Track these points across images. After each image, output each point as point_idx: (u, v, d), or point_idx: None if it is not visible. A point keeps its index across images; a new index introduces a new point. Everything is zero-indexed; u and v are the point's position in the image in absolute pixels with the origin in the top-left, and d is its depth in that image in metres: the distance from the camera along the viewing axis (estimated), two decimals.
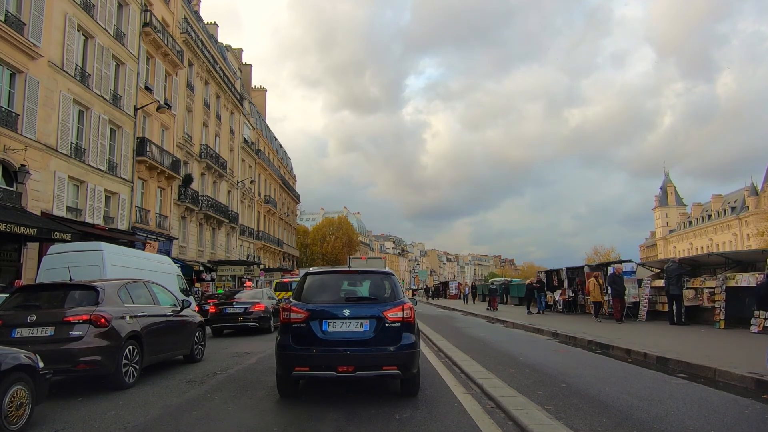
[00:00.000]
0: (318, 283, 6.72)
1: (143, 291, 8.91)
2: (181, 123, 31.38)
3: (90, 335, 6.93)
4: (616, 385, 6.92)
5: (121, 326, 7.39)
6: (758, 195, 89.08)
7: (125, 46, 24.39)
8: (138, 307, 8.22)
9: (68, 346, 6.79)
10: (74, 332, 6.91)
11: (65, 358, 6.73)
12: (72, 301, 7.50)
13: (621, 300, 16.17)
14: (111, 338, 7.14)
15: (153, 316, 8.51)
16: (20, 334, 6.85)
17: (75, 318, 7.01)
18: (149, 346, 8.05)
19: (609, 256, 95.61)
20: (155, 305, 8.96)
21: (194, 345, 10.01)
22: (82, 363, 6.85)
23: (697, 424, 5.01)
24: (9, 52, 16.83)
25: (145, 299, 8.76)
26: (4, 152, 16.69)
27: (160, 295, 9.41)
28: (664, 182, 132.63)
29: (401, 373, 6.02)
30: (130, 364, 7.54)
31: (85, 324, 6.96)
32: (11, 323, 6.95)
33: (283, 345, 6.13)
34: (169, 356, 9.38)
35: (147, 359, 8.06)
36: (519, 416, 5.21)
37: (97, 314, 7.07)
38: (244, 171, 45.35)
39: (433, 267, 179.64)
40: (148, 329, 8.09)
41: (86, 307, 7.20)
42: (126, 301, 8.02)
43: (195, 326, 10.15)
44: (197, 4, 39.13)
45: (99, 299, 7.40)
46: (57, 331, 6.91)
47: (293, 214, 70.19)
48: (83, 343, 6.86)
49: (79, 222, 19.95)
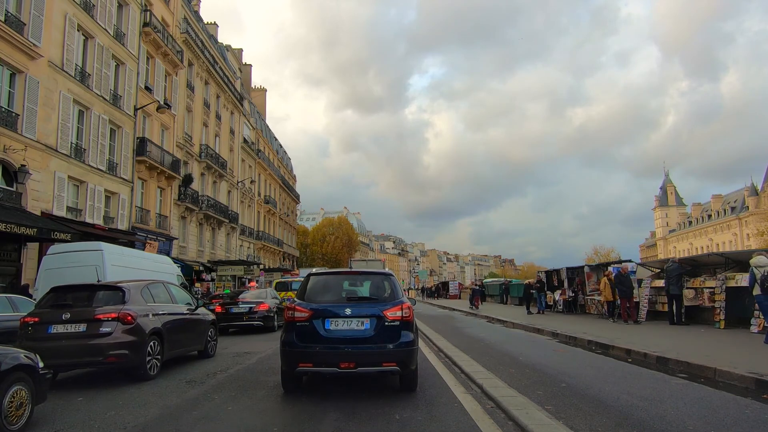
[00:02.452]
0: (321, 284, 7.01)
1: (162, 291, 9.54)
2: (181, 123, 31.38)
3: (118, 331, 7.62)
4: (616, 385, 6.92)
5: (144, 323, 8.06)
6: (758, 195, 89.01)
7: (125, 46, 24.39)
8: (158, 306, 8.87)
9: (98, 341, 7.48)
10: (104, 328, 7.59)
11: (96, 351, 7.46)
12: (100, 301, 8.16)
13: (629, 300, 15.98)
14: (136, 334, 7.81)
15: (171, 314, 9.14)
16: (55, 330, 7.57)
17: (104, 316, 7.67)
18: (169, 341, 8.70)
19: (609, 256, 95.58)
20: (173, 304, 9.59)
21: (207, 341, 10.63)
22: (111, 356, 7.52)
23: (697, 424, 5.01)
24: (9, 52, 16.84)
25: (164, 298, 9.38)
26: (4, 152, 16.69)
27: (177, 295, 10.11)
28: (664, 182, 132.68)
29: (400, 369, 6.27)
30: (153, 357, 8.19)
31: (113, 321, 7.65)
32: (47, 320, 7.65)
33: (288, 342, 6.35)
34: (186, 351, 9.97)
35: (167, 353, 8.71)
36: (519, 416, 5.21)
37: (124, 312, 7.75)
38: (244, 171, 45.35)
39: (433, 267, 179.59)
40: (167, 326, 8.74)
41: (114, 306, 7.87)
42: (148, 300, 8.68)
43: (208, 324, 10.80)
44: (197, 4, 39.12)
45: (125, 299, 8.07)
46: (88, 327, 7.58)
47: (293, 214, 70.18)
48: (112, 338, 7.54)
49: (79, 222, 19.95)
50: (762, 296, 10.33)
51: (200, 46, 34.76)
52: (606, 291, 16.77)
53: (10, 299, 10.61)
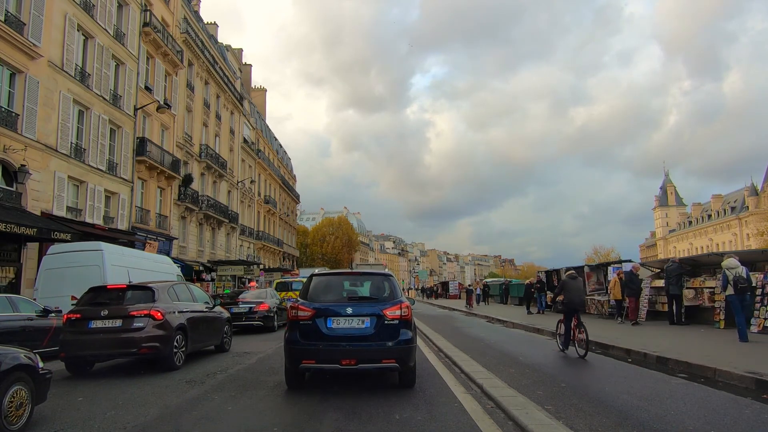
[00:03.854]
0: (323, 284, 7.27)
1: (184, 290, 10.59)
2: (181, 123, 31.38)
3: (149, 326, 8.57)
4: (616, 385, 6.92)
5: (172, 319, 9.01)
6: (758, 195, 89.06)
7: (125, 46, 24.39)
8: (182, 304, 9.84)
9: (133, 335, 8.47)
10: (137, 324, 8.56)
11: (131, 344, 8.46)
12: (133, 299, 9.06)
13: (637, 300, 15.77)
14: (165, 329, 8.77)
15: (193, 312, 10.10)
16: (95, 325, 8.57)
17: (137, 313, 8.64)
18: (192, 336, 9.64)
19: (609, 256, 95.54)
20: (194, 303, 10.56)
21: (223, 337, 11.56)
22: (144, 348, 8.48)
23: (697, 424, 5.01)
24: (9, 52, 16.83)
25: (186, 297, 10.35)
26: (4, 152, 16.69)
27: (197, 294, 11.13)
28: (664, 182, 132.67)
29: (399, 365, 6.52)
30: (179, 350, 9.15)
31: (145, 317, 8.60)
32: (88, 316, 8.64)
33: (292, 340, 6.60)
34: (205, 345, 10.89)
35: (190, 347, 9.63)
36: (519, 416, 5.21)
37: (154, 310, 8.71)
38: (244, 171, 45.35)
39: (433, 267, 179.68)
40: (190, 322, 9.67)
41: (145, 304, 8.83)
42: (173, 299, 9.66)
43: (224, 321, 11.76)
44: (197, 4, 39.13)
45: (155, 298, 9.03)
46: (124, 323, 8.57)
47: (293, 214, 70.17)
48: (144, 332, 8.50)
49: (79, 222, 19.95)
50: (734, 296, 10.67)
51: (200, 46, 34.76)
52: (615, 290, 16.52)
53: (10, 299, 10.59)
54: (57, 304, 12.20)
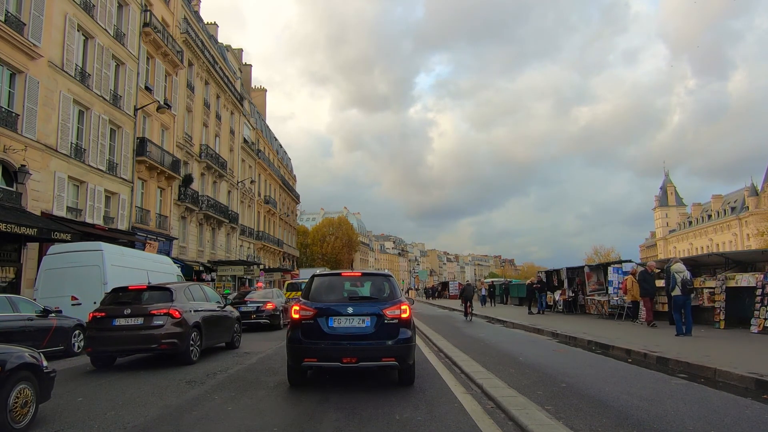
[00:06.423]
0: (325, 284, 7.39)
1: (198, 291, 11.24)
2: (181, 123, 31.37)
3: (168, 324, 9.20)
4: (616, 385, 6.92)
5: (188, 318, 9.63)
6: (758, 195, 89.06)
7: (125, 46, 24.39)
8: (197, 304, 10.49)
9: (153, 332, 9.10)
10: (156, 321, 9.18)
11: (152, 340, 9.09)
12: (152, 299, 9.69)
13: (651, 300, 15.14)
14: (182, 326, 9.38)
15: (207, 311, 10.75)
16: (119, 323, 9.20)
17: (157, 311, 9.27)
18: (206, 333, 10.26)
19: (609, 256, 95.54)
20: (207, 302, 11.18)
21: (234, 335, 12.15)
22: (164, 344, 9.11)
23: (697, 424, 5.00)
24: (9, 52, 16.83)
25: (199, 297, 10.98)
26: (4, 152, 16.69)
27: (210, 294, 11.79)
28: (664, 182, 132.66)
29: (398, 364, 6.65)
30: (194, 346, 9.79)
31: (164, 316, 9.24)
32: (112, 315, 9.29)
33: (294, 339, 6.75)
34: (217, 342, 11.46)
35: (204, 343, 10.26)
36: (519, 416, 5.21)
37: (173, 309, 9.36)
38: (244, 171, 45.34)
39: (433, 267, 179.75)
40: (205, 320, 10.30)
41: (164, 304, 9.48)
42: (189, 299, 10.27)
43: (234, 320, 12.36)
44: (197, 4, 39.12)
45: (172, 297, 9.66)
46: (145, 320, 9.20)
47: (293, 214, 70.16)
48: (164, 329, 9.14)
49: (79, 222, 19.95)
50: (681, 297, 11.76)
51: (200, 46, 34.75)
52: (634, 290, 15.81)
53: (10, 299, 10.59)
54: (57, 304, 12.23)
